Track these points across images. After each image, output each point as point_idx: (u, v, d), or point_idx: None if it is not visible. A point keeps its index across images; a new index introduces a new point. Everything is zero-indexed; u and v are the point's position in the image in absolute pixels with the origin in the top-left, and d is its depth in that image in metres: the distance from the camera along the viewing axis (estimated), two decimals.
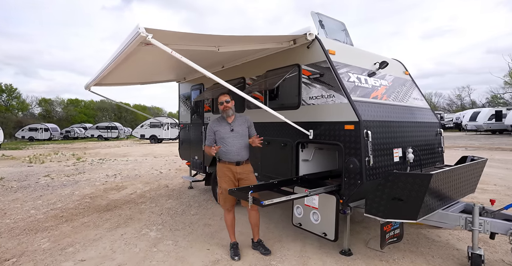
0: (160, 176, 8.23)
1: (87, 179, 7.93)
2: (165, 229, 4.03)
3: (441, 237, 3.59)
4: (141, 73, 4.95)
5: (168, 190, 6.41)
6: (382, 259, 3.02)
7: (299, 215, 3.39)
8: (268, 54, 3.90)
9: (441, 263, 2.93)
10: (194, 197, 5.75)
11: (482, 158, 3.66)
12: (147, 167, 10.08)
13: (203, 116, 5.55)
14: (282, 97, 3.88)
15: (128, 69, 4.36)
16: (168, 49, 2.25)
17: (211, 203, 5.23)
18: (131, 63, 3.80)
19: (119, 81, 5.15)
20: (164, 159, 12.33)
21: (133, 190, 6.56)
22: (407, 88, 4.08)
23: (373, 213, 2.68)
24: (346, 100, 2.93)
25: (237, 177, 3.17)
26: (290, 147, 3.59)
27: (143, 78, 5.42)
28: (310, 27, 3.17)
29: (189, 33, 2.41)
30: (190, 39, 2.67)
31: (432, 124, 3.97)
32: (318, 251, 3.25)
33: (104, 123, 32.40)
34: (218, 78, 2.79)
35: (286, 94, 3.79)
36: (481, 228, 2.66)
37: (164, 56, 3.90)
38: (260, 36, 2.91)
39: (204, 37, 2.67)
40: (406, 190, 2.49)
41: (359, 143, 2.79)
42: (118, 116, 55.19)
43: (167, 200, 5.58)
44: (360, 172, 2.78)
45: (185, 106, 6.32)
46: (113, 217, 4.62)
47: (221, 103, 3.21)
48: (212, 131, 3.25)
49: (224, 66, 4.83)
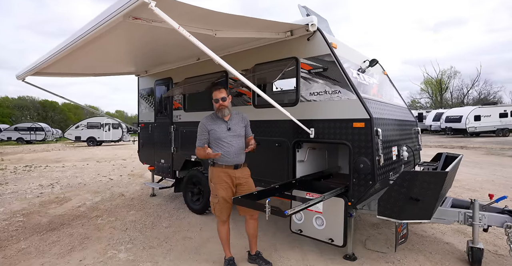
0: (111, 183, 7.18)
1: (13, 192, 6.46)
2: (136, 248, 3.37)
3: (426, 232, 3.70)
4: (97, 62, 4.13)
5: (125, 200, 5.56)
6: (388, 261, 2.94)
7: (299, 221, 3.13)
8: (257, 46, 3.56)
9: (441, 259, 2.97)
10: (160, 206, 5.06)
11: (457, 154, 3.90)
12: (91, 174, 8.76)
13: (172, 114, 4.92)
14: (276, 93, 3.57)
15: (84, 57, 3.57)
16: (175, 24, 1.76)
17: (184, 212, 4.65)
18: (89, 50, 3.10)
19: (67, 70, 4.22)
20: (111, 164, 10.94)
21: (80, 201, 5.53)
22: (388, 87, 4.15)
23: (387, 214, 2.56)
24: (355, 97, 2.76)
25: (236, 182, 2.76)
26: (285, 147, 3.31)
27: (98, 68, 4.56)
28: (312, 18, 2.93)
29: (200, 7, 1.93)
30: (193, 17, 2.18)
31: (412, 123, 4.11)
32: (320, 258, 3.03)
33: (26, 124, 27.67)
34: (238, 73, 2.35)
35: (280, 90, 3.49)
36: (481, 222, 2.75)
37: (132, 43, 3.28)
38: (262, 20, 2.57)
39: (212, 16, 2.22)
40: (423, 189, 2.42)
41: (370, 141, 2.65)
42: (43, 116, 47.88)
43: (128, 212, 4.79)
44: (372, 172, 2.64)
45: (147, 103, 5.56)
46: (62, 238, 3.74)
47: (216, 100, 2.75)
48: (205, 130, 2.78)
49: (199, 59, 4.32)
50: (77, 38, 2.46)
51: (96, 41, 2.71)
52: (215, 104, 2.77)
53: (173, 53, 4.23)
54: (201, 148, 2.71)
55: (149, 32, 2.83)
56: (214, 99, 2.76)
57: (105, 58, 4.00)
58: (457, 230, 3.74)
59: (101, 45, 3.03)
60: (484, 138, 21.17)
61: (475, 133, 22.62)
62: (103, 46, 3.14)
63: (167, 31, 2.72)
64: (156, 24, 2.12)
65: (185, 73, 4.61)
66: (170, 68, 4.86)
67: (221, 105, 2.74)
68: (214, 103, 2.77)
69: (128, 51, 3.85)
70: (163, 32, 2.88)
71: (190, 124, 4.57)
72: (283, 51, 3.32)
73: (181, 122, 4.74)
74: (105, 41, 2.89)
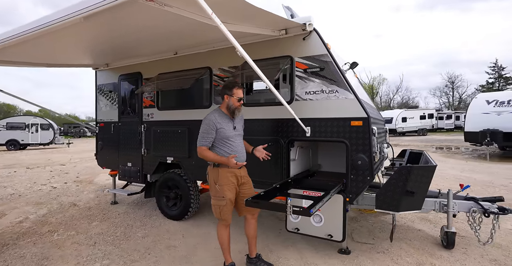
0: (56, 192, 6.21)
1: None
2: (115, 264, 2.97)
3: (399, 221, 4.06)
4: (54, 52, 3.52)
5: (81, 210, 4.86)
6: (379, 251, 3.13)
7: (295, 220, 3.13)
8: (246, 43, 3.46)
9: (420, 245, 3.28)
10: (127, 214, 4.56)
11: (420, 150, 4.37)
12: (24, 182, 7.46)
13: (142, 113, 4.47)
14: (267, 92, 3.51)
15: (43, 44, 3.02)
16: (209, 10, 1.57)
17: (158, 219, 4.27)
18: (55, 37, 2.64)
19: (17, 59, 3.49)
20: (47, 170, 9.48)
21: (20, 215, 4.66)
22: (361, 89, 4.45)
23: (385, 207, 2.73)
24: (352, 96, 2.88)
25: (241, 182, 2.65)
26: (279, 146, 3.28)
27: (53, 58, 3.88)
28: (310, 17, 2.97)
29: None
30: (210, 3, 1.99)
31: (383, 122, 4.48)
32: (317, 254, 3.08)
33: None
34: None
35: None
36: (454, 209, 3.12)
37: (99, 34, 2.91)
38: (275, 16, 2.50)
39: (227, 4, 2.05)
40: (417, 182, 2.64)
41: (368, 139, 2.79)
42: None
43: (90, 223, 4.20)
44: (370, 168, 2.78)
45: (108, 100, 4.96)
46: (11, 262, 3.09)
47: (240, 99, 2.63)
48: (213, 128, 2.56)
49: (177, 53, 4.02)
50: (57, 20, 2.04)
51: (69, 29, 2.30)
52: (235, 103, 2.62)
53: (144, 46, 3.86)
54: (204, 148, 2.52)
55: (123, 23, 2.55)
56: (238, 98, 2.62)
57: (63, 48, 3.44)
58: (422, 218, 4.19)
59: (61, 35, 2.60)
60: (410, 137, 24.37)
61: (402, 133, 25.87)
62: (62, 36, 2.70)
63: (147, 21, 2.50)
64: (168, 9, 1.89)
65: (159, 68, 4.24)
66: (139, 62, 4.42)
67: (240, 105, 2.65)
68: (236, 101, 2.61)
69: (91, 43, 3.37)
70: (141, 25, 2.64)
71: (165, 123, 4.22)
72: (275, 49, 3.29)
73: (154, 122, 4.34)
74: (66, 31, 2.49)
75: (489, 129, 10.77)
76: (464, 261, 2.89)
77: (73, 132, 34.15)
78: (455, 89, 45.62)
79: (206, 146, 2.55)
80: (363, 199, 3.18)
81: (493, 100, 11.50)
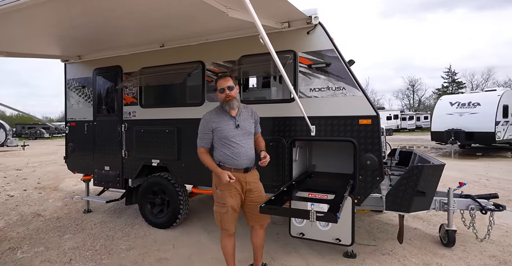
0: (14, 201, 5.46)
1: None
2: None
3: (393, 221, 4.06)
4: (14, 37, 3.02)
5: (48, 221, 4.28)
6: (384, 253, 3.06)
7: (300, 224, 2.94)
8: (244, 36, 3.22)
9: (420, 244, 3.27)
10: (105, 224, 4.08)
11: (410, 149, 4.43)
12: None
13: (122, 111, 4.03)
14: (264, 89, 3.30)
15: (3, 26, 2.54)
16: None
17: (142, 228, 3.86)
18: (14, 18, 2.23)
19: None
20: (1, 176, 8.39)
21: None
22: None
23: (396, 208, 2.65)
24: (360, 93, 2.77)
25: (246, 188, 2.39)
26: (281, 146, 3.08)
27: (13, 46, 3.34)
28: (316, 9, 2.81)
29: None
30: None
31: None
32: (323, 260, 2.94)
33: None
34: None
35: (270, 85, 3.25)
36: (454, 207, 3.14)
37: (70, 15, 2.53)
38: (290, 4, 2.31)
39: None
40: (428, 181, 2.59)
41: (377, 138, 2.70)
42: None
43: (61, 236, 3.68)
44: (380, 168, 2.68)
45: (81, 96, 4.41)
46: None
47: (222, 90, 2.31)
48: (209, 128, 2.31)
49: (164, 45, 3.66)
50: None
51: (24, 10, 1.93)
52: (220, 95, 2.33)
53: (125, 36, 3.47)
54: (203, 150, 2.27)
55: (100, 6, 2.22)
56: (219, 89, 2.32)
57: (23, 33, 2.95)
58: (413, 216, 4.23)
59: (27, 15, 2.20)
60: None
61: None
62: (23, 17, 2.29)
63: (128, 7, 2.20)
64: None
65: (142, 62, 3.84)
66: (118, 54, 3.97)
67: (227, 96, 2.31)
68: (219, 94, 2.34)
69: (59, 28, 2.93)
70: (122, 10, 2.32)
71: (150, 122, 3.83)
72: (277, 43, 3.07)
73: (137, 121, 3.93)
74: (34, 12, 2.11)
75: (453, 129, 11.52)
76: (467, 259, 2.91)
77: (28, 133, 31.07)
78: (415, 92, 48.80)
79: (204, 148, 2.33)
80: (366, 200, 3.09)
81: (456, 102, 12.35)
